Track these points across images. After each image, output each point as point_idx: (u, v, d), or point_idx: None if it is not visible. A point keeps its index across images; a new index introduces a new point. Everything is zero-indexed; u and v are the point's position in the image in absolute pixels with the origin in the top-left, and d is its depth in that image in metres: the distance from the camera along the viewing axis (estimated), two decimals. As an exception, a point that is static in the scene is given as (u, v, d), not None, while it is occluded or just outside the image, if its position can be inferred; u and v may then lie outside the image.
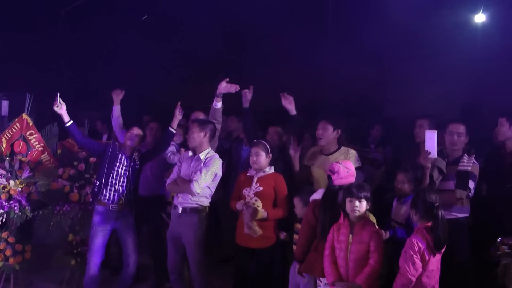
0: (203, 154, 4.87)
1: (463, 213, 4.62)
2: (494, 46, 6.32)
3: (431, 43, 7.25)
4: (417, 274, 3.66)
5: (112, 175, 5.18)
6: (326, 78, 8.12)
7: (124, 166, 5.24)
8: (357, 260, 3.86)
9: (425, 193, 3.86)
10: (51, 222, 5.59)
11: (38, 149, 5.84)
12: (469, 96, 7.21)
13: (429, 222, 3.76)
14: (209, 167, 4.76)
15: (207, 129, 4.90)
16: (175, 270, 5.02)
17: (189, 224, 4.83)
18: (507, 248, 4.21)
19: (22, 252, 5.64)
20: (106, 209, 5.19)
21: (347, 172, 4.20)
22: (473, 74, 6.87)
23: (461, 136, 4.71)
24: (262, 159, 4.73)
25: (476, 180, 4.60)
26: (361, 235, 3.88)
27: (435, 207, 3.74)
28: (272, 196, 4.71)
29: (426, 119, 5.20)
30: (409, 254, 3.66)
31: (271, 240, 4.73)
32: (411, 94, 7.89)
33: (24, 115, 5.86)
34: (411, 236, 3.74)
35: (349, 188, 3.96)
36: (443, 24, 6.83)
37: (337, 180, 4.15)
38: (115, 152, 5.25)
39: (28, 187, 5.64)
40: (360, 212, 3.90)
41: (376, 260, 3.82)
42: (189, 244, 4.86)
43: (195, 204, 4.84)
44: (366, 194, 3.93)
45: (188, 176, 4.84)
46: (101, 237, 5.21)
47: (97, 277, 5.23)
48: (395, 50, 7.62)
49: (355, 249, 3.88)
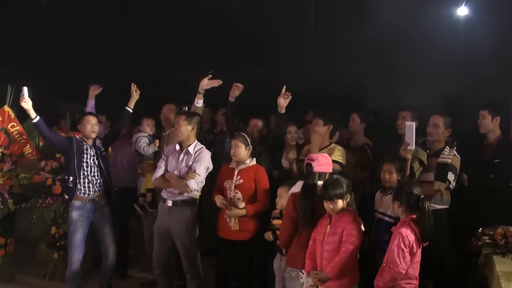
0: (192, 147, 4.83)
1: (442, 205, 4.68)
2: (476, 38, 6.35)
3: (414, 36, 7.27)
4: (407, 267, 3.65)
5: (82, 167, 5.14)
6: (308, 71, 8.10)
7: (92, 156, 5.21)
8: (331, 251, 3.87)
9: (410, 185, 3.85)
10: (34, 215, 5.57)
11: (20, 142, 5.80)
12: (452, 89, 7.26)
13: (414, 214, 3.76)
14: (201, 162, 4.73)
15: (194, 122, 4.86)
16: (160, 265, 4.98)
17: (181, 218, 4.80)
18: (487, 238, 4.26)
19: (5, 246, 5.62)
20: (83, 203, 5.15)
21: (325, 159, 4.24)
22: (456, 66, 6.91)
23: (437, 128, 4.75)
24: (241, 151, 4.71)
25: (457, 173, 4.65)
26: (336, 226, 3.89)
27: (421, 200, 3.73)
28: (253, 189, 4.69)
29: (408, 110, 5.24)
30: (400, 247, 3.63)
31: (250, 233, 4.72)
32: (394, 86, 7.92)
33: (5, 107, 5.82)
34: (400, 229, 3.70)
35: (325, 188, 3.93)
36: (426, 17, 6.85)
37: (316, 167, 4.15)
38: (80, 144, 5.20)
39: (10, 180, 5.60)
40: (335, 211, 3.92)
41: (346, 250, 3.81)
42: (182, 238, 4.82)
43: (186, 197, 4.81)
44: (340, 191, 3.90)
45: (177, 169, 4.80)
46: (81, 232, 5.17)
47: (79, 272, 5.21)
48: (378, 43, 7.63)
49: (329, 240, 3.90)
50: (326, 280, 3.86)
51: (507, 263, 3.89)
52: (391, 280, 3.67)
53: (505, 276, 3.59)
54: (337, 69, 7.92)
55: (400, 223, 3.79)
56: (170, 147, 5.00)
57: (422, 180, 4.58)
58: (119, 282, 5.69)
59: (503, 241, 4.15)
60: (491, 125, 4.94)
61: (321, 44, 8.02)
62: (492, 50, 6.36)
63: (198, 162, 4.73)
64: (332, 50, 8.00)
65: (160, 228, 4.93)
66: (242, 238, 4.71)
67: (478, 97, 5.65)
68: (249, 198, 4.69)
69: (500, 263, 3.89)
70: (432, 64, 7.33)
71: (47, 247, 5.72)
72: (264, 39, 8.51)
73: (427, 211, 3.69)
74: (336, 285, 3.87)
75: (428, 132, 4.83)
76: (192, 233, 4.86)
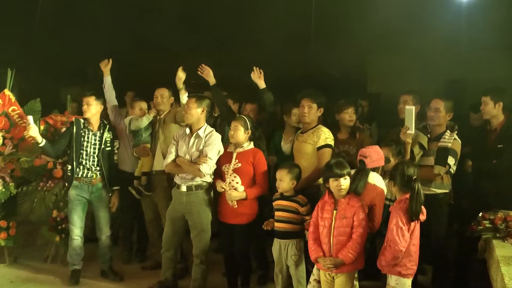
0: (202, 131, 4.81)
1: (442, 189, 4.67)
2: (478, 22, 6.31)
3: (416, 19, 7.22)
4: (407, 244, 3.71)
5: (81, 155, 5.21)
6: (309, 54, 8.05)
7: (93, 145, 5.24)
8: (341, 236, 3.89)
9: (404, 166, 3.89)
10: (35, 199, 5.59)
11: (21, 125, 5.79)
12: (453, 73, 7.23)
13: (408, 194, 3.80)
14: (212, 146, 4.71)
15: (204, 105, 4.82)
16: (171, 248, 4.96)
17: (196, 202, 4.78)
18: (488, 223, 4.25)
19: (7, 229, 5.65)
20: (80, 184, 5.22)
21: (377, 155, 4.25)
22: (458, 50, 6.87)
23: (438, 112, 4.73)
24: (239, 134, 4.66)
25: (457, 157, 4.63)
26: (345, 210, 3.90)
27: (413, 180, 3.77)
28: (251, 173, 4.67)
29: (410, 94, 5.21)
30: (399, 226, 3.69)
31: (249, 216, 4.71)
32: (396, 70, 7.89)
33: (6, 91, 5.81)
34: (397, 209, 3.76)
35: (331, 168, 3.96)
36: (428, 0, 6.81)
37: (370, 164, 4.17)
38: (80, 131, 5.22)
39: (12, 164, 5.62)
40: (345, 190, 3.93)
41: (359, 234, 3.85)
42: (196, 223, 4.80)
43: (200, 181, 4.78)
44: (348, 170, 3.97)
45: (188, 154, 4.79)
46: (79, 210, 5.25)
47: (80, 249, 5.29)
48: (380, 26, 7.58)
49: (338, 225, 3.90)
50: (340, 266, 3.88)
51: (507, 248, 3.88)
52: (393, 259, 3.72)
53: (505, 260, 3.58)
54: (339, 54, 7.88)
55: (397, 202, 3.85)
56: (179, 132, 4.98)
57: (422, 164, 4.58)
58: (120, 265, 5.72)
59: (503, 225, 4.13)
60: (494, 110, 4.89)
61: (321, 28, 7.96)
62: (494, 33, 6.32)
63: (210, 146, 4.71)
64: (330, 35, 7.94)
65: (173, 213, 4.91)
66: (242, 222, 4.71)
67: (481, 82, 5.62)
68: (247, 182, 4.67)
69: (500, 247, 3.88)
70: (434, 47, 7.29)
71: (48, 230, 5.74)
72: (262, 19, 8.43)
73: (417, 192, 3.72)
74: (346, 269, 3.90)
75: (429, 116, 4.80)
76: (207, 217, 4.84)
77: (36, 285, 5.29)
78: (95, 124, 5.30)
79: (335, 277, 3.95)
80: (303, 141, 4.82)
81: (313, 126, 4.88)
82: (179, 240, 5.02)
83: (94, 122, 5.30)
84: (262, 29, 8.27)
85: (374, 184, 4.14)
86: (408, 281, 3.80)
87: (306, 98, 4.86)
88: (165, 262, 5.04)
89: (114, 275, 5.42)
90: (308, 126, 4.89)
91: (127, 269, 5.70)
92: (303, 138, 4.84)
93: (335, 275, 3.94)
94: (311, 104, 4.84)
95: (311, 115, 4.84)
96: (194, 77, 5.35)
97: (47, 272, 5.59)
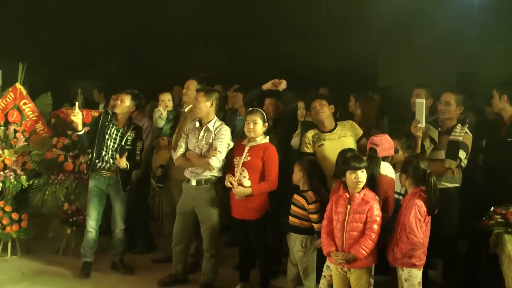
0: (211, 124, 4.81)
1: (453, 183, 4.62)
2: (489, 15, 6.25)
3: (427, 13, 7.16)
4: (423, 236, 3.76)
5: (102, 147, 5.19)
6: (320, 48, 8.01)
7: (113, 139, 5.22)
8: (353, 231, 3.86)
9: (418, 159, 3.91)
10: (46, 192, 5.63)
11: (32, 119, 5.83)
12: (464, 66, 7.17)
13: (421, 186, 3.83)
14: (222, 139, 4.71)
15: (213, 98, 4.82)
16: (181, 242, 4.98)
17: (205, 197, 4.79)
18: (499, 217, 4.22)
19: (19, 221, 5.69)
20: (99, 174, 5.23)
21: (389, 143, 4.22)
22: (470, 42, 6.80)
23: (449, 106, 4.67)
24: (259, 128, 4.61)
25: (468, 150, 4.58)
26: (359, 205, 3.87)
27: (427, 174, 3.80)
28: (260, 167, 4.60)
29: (423, 88, 5.17)
30: (417, 217, 3.74)
31: (258, 212, 4.65)
32: (407, 64, 7.83)
33: (17, 85, 5.83)
34: (415, 200, 3.79)
35: (348, 161, 3.92)
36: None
37: (381, 152, 4.14)
38: (105, 124, 5.23)
39: (23, 157, 5.66)
40: (362, 183, 3.89)
41: (372, 230, 3.81)
42: (206, 217, 4.82)
43: (209, 175, 4.79)
44: (365, 164, 3.94)
45: (197, 147, 4.79)
46: (96, 201, 5.27)
47: (94, 242, 5.31)
48: (391, 20, 7.53)
49: (351, 220, 3.87)
50: (352, 261, 3.85)
51: (518, 242, 3.86)
52: (410, 250, 3.78)
53: (516, 255, 3.56)
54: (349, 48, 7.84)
55: (411, 195, 3.87)
56: (190, 125, 4.97)
57: (433, 158, 4.54)
58: (131, 257, 5.74)
59: (515, 220, 4.11)
60: (500, 104, 4.85)
61: (332, 22, 7.91)
62: (504, 26, 6.26)
63: (219, 139, 4.71)
64: (341, 29, 7.89)
65: (183, 207, 4.92)
66: (251, 218, 4.67)
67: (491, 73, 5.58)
68: (255, 177, 4.59)
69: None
70: (445, 40, 7.22)
71: (60, 223, 5.78)
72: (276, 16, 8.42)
73: (433, 186, 3.78)
74: (358, 265, 3.88)
75: (440, 109, 4.75)
76: (216, 211, 4.84)
77: (47, 277, 5.32)
78: (121, 121, 5.28)
79: (347, 272, 3.93)
80: (342, 136, 4.74)
81: (331, 121, 4.84)
82: (189, 234, 5.03)
83: (121, 119, 5.28)
84: (274, 23, 8.27)
85: (385, 174, 4.13)
86: (419, 272, 3.86)
87: (315, 99, 4.85)
88: (175, 256, 5.06)
89: (125, 268, 5.44)
90: (327, 122, 4.82)
91: (138, 262, 5.71)
92: (338, 134, 4.76)
93: (347, 270, 3.93)
94: (321, 101, 4.81)
95: (325, 111, 4.80)
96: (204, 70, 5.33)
97: (59, 264, 5.62)
